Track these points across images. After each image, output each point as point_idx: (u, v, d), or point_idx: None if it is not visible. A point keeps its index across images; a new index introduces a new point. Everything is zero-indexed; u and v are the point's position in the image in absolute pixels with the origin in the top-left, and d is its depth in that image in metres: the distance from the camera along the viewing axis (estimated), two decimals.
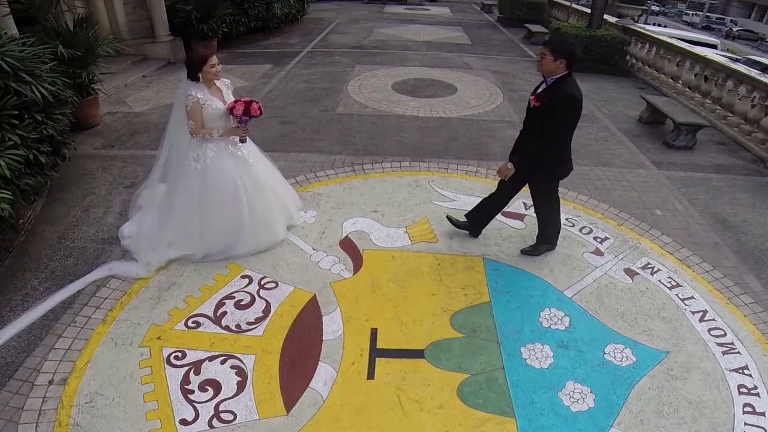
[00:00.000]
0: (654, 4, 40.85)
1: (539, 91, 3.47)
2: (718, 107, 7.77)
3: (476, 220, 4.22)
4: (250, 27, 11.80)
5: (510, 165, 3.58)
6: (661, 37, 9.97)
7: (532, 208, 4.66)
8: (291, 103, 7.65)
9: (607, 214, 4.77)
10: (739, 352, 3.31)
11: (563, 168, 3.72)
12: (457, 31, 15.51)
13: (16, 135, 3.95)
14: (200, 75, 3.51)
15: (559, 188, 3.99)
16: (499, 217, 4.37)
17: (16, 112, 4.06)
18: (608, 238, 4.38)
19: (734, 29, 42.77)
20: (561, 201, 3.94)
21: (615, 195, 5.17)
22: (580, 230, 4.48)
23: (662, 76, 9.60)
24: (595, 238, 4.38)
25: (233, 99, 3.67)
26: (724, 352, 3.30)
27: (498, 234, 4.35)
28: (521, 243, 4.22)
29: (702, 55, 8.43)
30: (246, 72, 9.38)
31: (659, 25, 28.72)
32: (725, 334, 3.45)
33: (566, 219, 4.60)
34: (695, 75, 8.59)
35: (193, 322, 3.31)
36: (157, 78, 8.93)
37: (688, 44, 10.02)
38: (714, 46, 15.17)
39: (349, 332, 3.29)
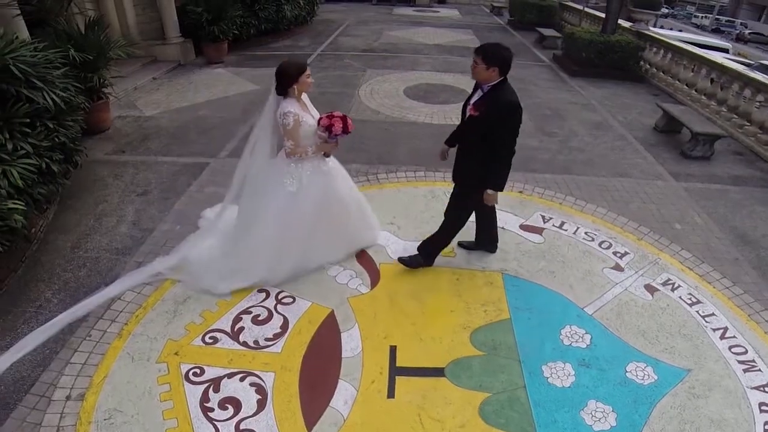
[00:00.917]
0: (664, 6, 40.59)
1: (475, 99, 3.31)
2: (734, 116, 7.67)
3: (484, 240, 4.15)
4: (260, 29, 11.77)
5: (491, 191, 3.43)
6: (676, 43, 9.85)
7: (550, 221, 4.65)
8: None
9: (627, 228, 4.70)
10: (760, 370, 3.26)
11: None
12: (467, 34, 15.42)
13: (28, 143, 3.90)
14: (294, 88, 3.26)
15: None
16: (517, 230, 4.33)
17: (28, 120, 4.00)
18: (628, 253, 4.32)
19: (745, 32, 42.37)
20: (580, 213, 3.86)
21: (634, 208, 5.10)
22: (600, 245, 4.41)
23: (677, 82, 9.49)
24: (614, 253, 4.31)
25: (318, 113, 3.47)
26: (745, 370, 3.26)
27: (517, 248, 4.29)
28: (540, 258, 4.17)
29: (718, 62, 8.31)
30: (257, 75, 9.32)
31: (672, 29, 28.43)
32: (746, 352, 3.41)
33: (585, 233, 4.55)
34: (711, 82, 8.48)
35: (210, 338, 3.26)
36: (167, 81, 8.91)
37: (701, 49, 9.94)
38: (725, 50, 15.03)
39: (368, 350, 3.24)
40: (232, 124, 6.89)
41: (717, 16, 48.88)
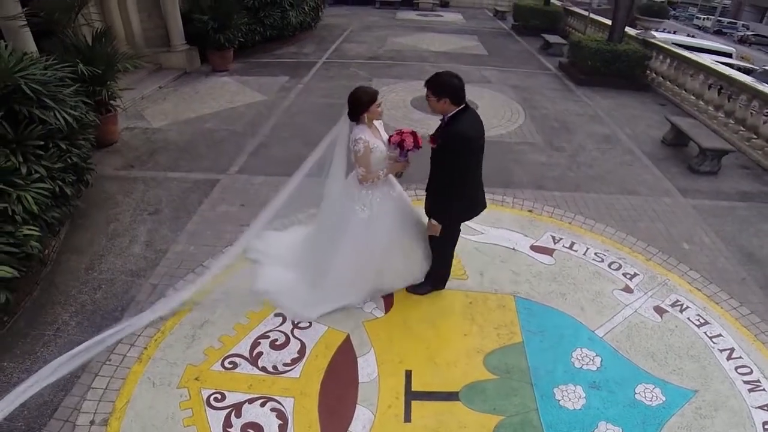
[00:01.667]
0: (671, 9, 40.44)
1: (437, 129, 3.29)
2: (742, 128, 7.68)
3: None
4: (265, 36, 11.72)
5: (434, 222, 3.41)
6: (683, 53, 9.85)
7: (560, 241, 4.70)
8: (312, 120, 7.52)
9: (635, 248, 4.73)
10: (764, 390, 3.34)
11: (465, 211, 3.56)
12: (472, 41, 15.40)
13: (42, 166, 3.85)
14: (365, 116, 3.29)
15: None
16: (528, 252, 4.39)
17: (42, 143, 3.96)
18: (637, 275, 4.36)
19: (747, 34, 42.25)
20: (589, 233, 3.87)
21: (642, 226, 5.12)
22: (609, 266, 4.45)
23: (683, 92, 9.49)
24: (624, 275, 4.35)
25: (387, 135, 3.46)
26: (750, 390, 3.32)
27: (528, 270, 4.33)
28: (551, 280, 4.22)
29: (725, 73, 8.29)
30: (263, 85, 9.33)
31: (676, 32, 28.30)
32: (752, 372, 3.47)
33: (595, 254, 4.60)
34: (719, 92, 8.47)
35: (229, 363, 3.31)
36: (173, 90, 8.89)
37: (703, 53, 9.87)
38: (729, 55, 15.02)
39: (384, 374, 3.29)
40: (241, 137, 6.90)
41: (719, 18, 48.74)
